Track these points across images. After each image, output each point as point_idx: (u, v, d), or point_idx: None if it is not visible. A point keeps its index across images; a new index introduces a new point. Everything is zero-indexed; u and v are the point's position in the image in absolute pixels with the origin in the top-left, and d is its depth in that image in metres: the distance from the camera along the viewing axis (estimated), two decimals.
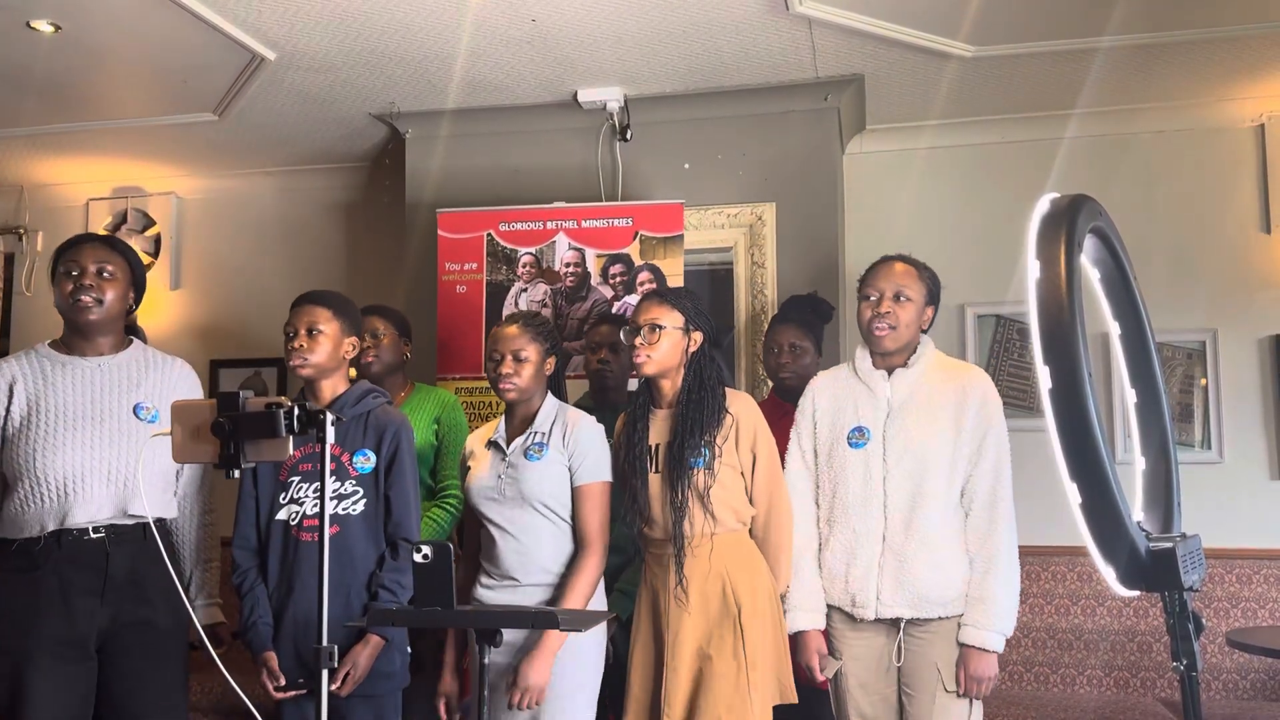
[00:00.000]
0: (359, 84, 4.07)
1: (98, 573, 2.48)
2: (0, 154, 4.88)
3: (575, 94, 4.13)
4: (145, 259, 5.16)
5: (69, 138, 4.67)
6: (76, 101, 4.23)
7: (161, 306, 5.17)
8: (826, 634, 2.64)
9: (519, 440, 2.67)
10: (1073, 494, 1.56)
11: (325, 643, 1.90)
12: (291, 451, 1.93)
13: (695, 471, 2.55)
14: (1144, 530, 1.63)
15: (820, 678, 2.60)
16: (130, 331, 2.76)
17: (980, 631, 2.48)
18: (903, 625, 2.55)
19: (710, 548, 2.55)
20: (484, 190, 4.26)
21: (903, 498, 2.54)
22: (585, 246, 3.97)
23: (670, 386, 2.65)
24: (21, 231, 5.33)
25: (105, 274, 2.59)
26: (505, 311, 3.92)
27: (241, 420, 1.88)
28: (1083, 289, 1.61)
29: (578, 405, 3.27)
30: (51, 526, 2.48)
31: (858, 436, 2.60)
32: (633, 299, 3.84)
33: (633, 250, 3.93)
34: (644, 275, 3.90)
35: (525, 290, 3.99)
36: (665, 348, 2.61)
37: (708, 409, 2.59)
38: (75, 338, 2.62)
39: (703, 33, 3.63)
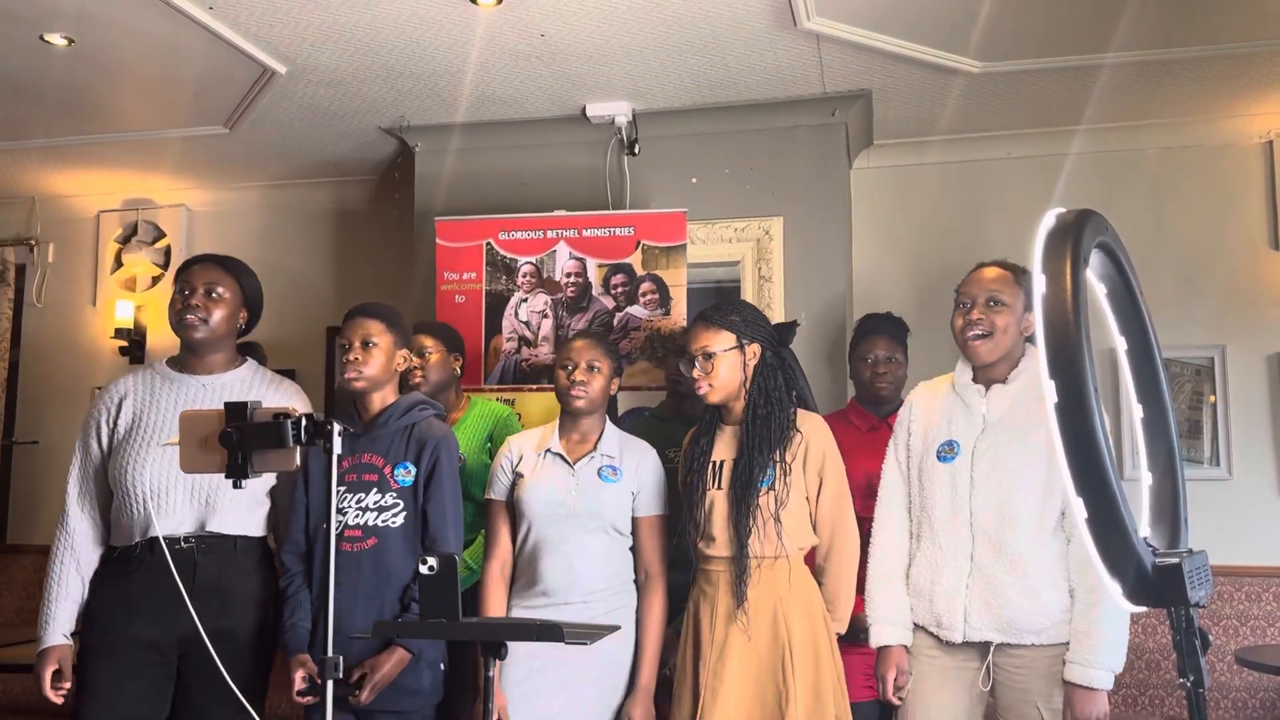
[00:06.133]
0: (369, 98, 4.09)
1: (185, 580, 2.51)
2: (13, 165, 4.92)
3: (584, 108, 4.15)
4: (155, 270, 5.20)
5: (81, 149, 4.70)
6: (88, 114, 4.26)
7: None
8: (910, 652, 2.52)
9: (586, 459, 2.67)
10: (1078, 509, 1.55)
11: (331, 653, 1.90)
12: (299, 462, 1.94)
13: (762, 491, 2.48)
14: (1150, 546, 1.62)
15: (893, 697, 2.48)
16: (248, 352, 2.84)
17: (1087, 669, 2.30)
18: (992, 650, 2.41)
19: (767, 572, 2.48)
20: (492, 203, 4.27)
21: (990, 517, 2.40)
22: (586, 256, 3.90)
23: (738, 404, 2.58)
24: (33, 243, 5.37)
25: (214, 294, 2.66)
26: (505, 322, 3.90)
27: (249, 430, 1.89)
28: (1089, 304, 1.60)
29: (655, 414, 3.22)
30: (138, 537, 2.57)
31: (946, 451, 2.49)
32: (635, 309, 3.83)
33: (635, 260, 3.86)
34: (646, 286, 3.84)
35: (525, 300, 3.92)
36: (723, 373, 2.54)
37: (775, 425, 2.52)
38: (187, 355, 2.71)
39: (711, 48, 3.64)
